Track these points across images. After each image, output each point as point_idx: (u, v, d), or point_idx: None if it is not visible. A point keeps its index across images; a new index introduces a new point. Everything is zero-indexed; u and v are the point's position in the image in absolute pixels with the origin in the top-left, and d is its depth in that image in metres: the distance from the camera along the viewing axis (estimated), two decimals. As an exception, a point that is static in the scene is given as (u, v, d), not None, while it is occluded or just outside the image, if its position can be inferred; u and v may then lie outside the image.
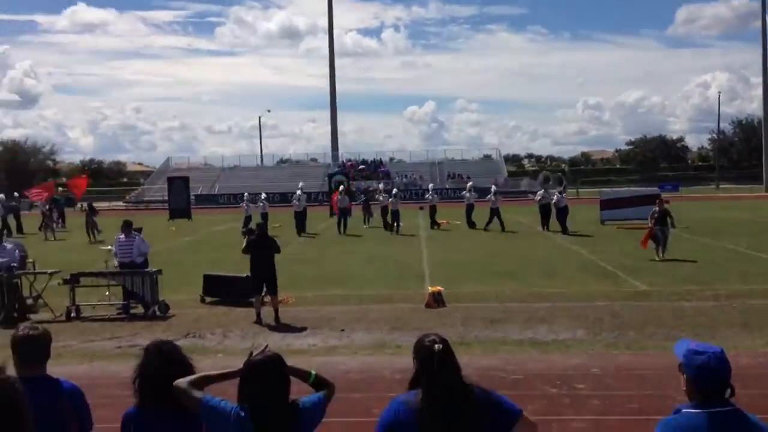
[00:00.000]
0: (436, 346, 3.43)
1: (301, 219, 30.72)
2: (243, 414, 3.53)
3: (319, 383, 3.85)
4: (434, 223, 31.87)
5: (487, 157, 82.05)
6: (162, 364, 3.88)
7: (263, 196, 33.75)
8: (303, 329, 12.30)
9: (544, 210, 29.87)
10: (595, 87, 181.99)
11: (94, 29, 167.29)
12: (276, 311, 12.96)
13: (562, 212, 28.65)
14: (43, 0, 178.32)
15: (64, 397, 3.96)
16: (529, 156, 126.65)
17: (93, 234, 30.18)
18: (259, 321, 12.84)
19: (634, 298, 14.32)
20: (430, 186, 36.88)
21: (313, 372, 3.88)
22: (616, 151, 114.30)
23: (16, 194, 39.97)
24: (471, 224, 31.33)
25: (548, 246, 24.16)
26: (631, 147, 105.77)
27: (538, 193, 31.49)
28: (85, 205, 35.62)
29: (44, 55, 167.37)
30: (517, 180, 73.36)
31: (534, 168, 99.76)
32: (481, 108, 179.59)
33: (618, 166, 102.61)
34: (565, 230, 27.92)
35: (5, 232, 28.93)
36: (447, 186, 65.76)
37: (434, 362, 3.39)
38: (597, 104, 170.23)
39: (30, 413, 3.32)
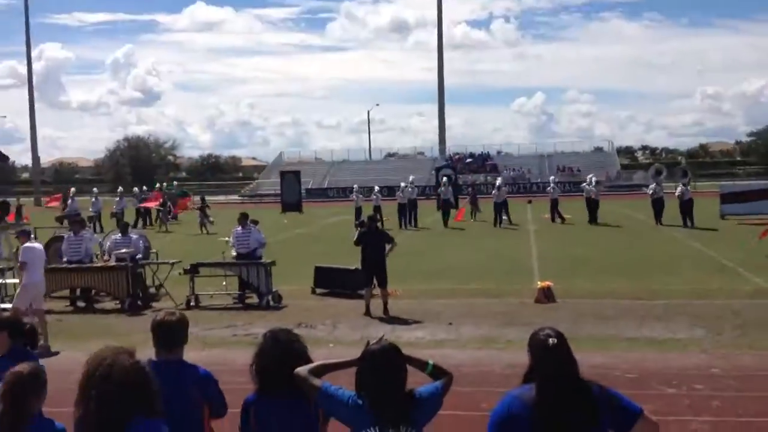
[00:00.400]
0: (551, 340, 3.39)
1: (405, 211, 30.89)
2: (361, 402, 3.60)
3: (437, 372, 3.88)
4: (557, 216, 31.15)
5: (599, 149, 79.85)
6: (279, 352, 4.00)
7: (376, 189, 33.92)
8: (411, 322, 12.39)
9: (657, 204, 28.89)
10: (714, 76, 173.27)
11: (212, 27, 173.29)
12: (385, 303, 13.10)
13: (687, 205, 27.61)
14: (164, 0, 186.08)
15: (197, 382, 4.15)
16: (644, 148, 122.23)
17: (205, 226, 31.45)
18: (368, 313, 13.01)
19: (756, 296, 13.64)
20: (552, 179, 35.59)
21: (431, 361, 3.92)
22: (737, 143, 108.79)
23: (145, 188, 42.04)
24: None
25: (663, 241, 23.32)
26: (752, 139, 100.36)
27: (650, 186, 30.48)
28: (197, 199, 37.14)
29: (165, 53, 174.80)
30: (631, 173, 71.03)
31: (648, 161, 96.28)
32: (592, 99, 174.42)
33: (738, 158, 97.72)
34: (689, 223, 26.93)
35: (133, 223, 30.61)
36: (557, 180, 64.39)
37: (548, 356, 3.35)
38: (716, 94, 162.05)
39: (158, 394, 3.52)
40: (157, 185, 40.08)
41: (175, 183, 47.66)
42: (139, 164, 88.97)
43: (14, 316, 5.29)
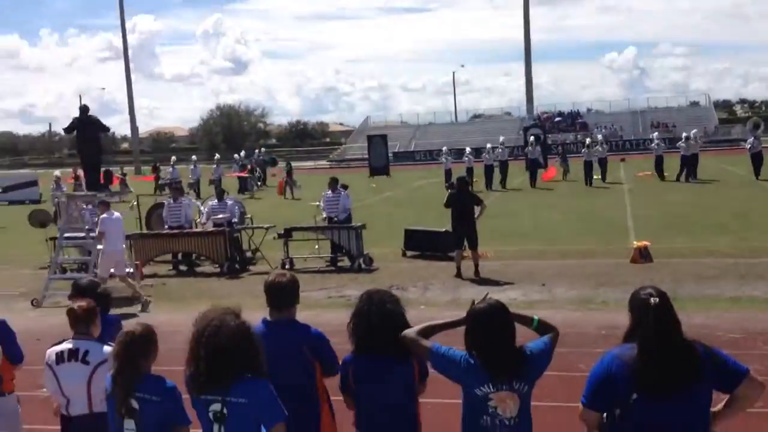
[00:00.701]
0: (653, 299, 3.33)
1: (492, 173, 30.59)
2: (473, 361, 3.65)
3: (543, 328, 3.90)
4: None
5: (695, 104, 76.56)
6: (375, 312, 4.07)
7: (468, 150, 33.56)
8: (504, 283, 12.34)
9: (756, 159, 27.79)
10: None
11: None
12: (476, 265, 13.07)
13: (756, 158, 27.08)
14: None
15: (309, 341, 4.25)
16: (742, 101, 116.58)
17: (291, 191, 32.06)
18: (459, 275, 13.02)
19: None
20: (655, 135, 33.27)
21: (536, 317, 3.93)
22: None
23: (243, 154, 42.98)
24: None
25: (764, 197, 22.31)
26: None
27: (748, 140, 29.18)
28: (284, 164, 37.72)
29: (252, 22, 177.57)
30: (729, 128, 67.95)
31: (747, 114, 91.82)
32: (687, 52, 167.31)
33: None
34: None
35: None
36: (650, 136, 62.31)
37: (651, 316, 3.29)
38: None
39: (263, 354, 3.66)
40: (238, 155, 40.69)
41: (263, 150, 48.41)
42: (231, 132, 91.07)
43: (88, 282, 5.56)
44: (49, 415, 5.01)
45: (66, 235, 14.15)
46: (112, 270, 12.37)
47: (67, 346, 4.65)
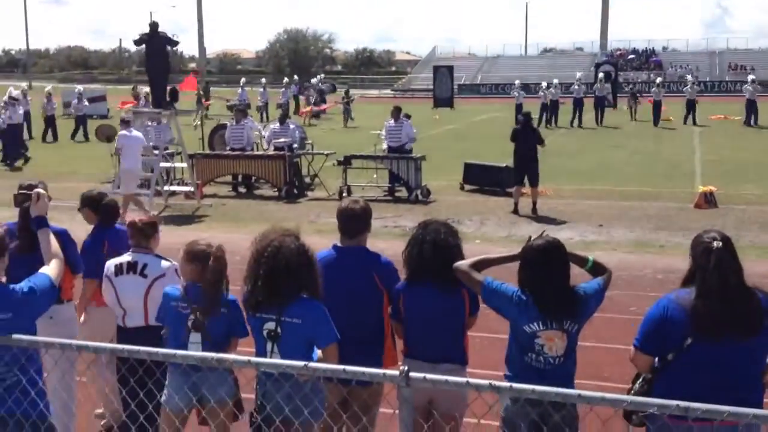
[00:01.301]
0: (715, 243, 3.24)
1: (547, 110, 29.86)
2: (525, 297, 3.64)
3: (597, 269, 3.85)
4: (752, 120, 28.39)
5: (779, 46, 72.99)
6: (430, 242, 4.04)
7: (544, 85, 32.26)
8: (560, 222, 12.19)
9: None
10: None
11: None
12: (534, 203, 12.92)
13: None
14: None
15: (379, 268, 4.26)
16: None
17: (346, 119, 32.02)
18: (516, 211, 12.90)
19: None
20: (750, 78, 31.28)
21: (591, 258, 3.88)
22: None
23: (296, 78, 43.00)
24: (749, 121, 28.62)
25: None
26: None
27: None
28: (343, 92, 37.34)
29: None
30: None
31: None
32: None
33: None
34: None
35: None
36: (727, 78, 59.89)
37: (711, 260, 3.21)
38: None
39: (319, 274, 3.72)
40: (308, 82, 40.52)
41: (322, 76, 47.90)
42: (297, 57, 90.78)
43: (94, 194, 5.74)
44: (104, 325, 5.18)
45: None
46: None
47: (126, 258, 4.79)
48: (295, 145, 15.70)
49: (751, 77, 29.38)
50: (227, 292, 4.14)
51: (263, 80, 38.54)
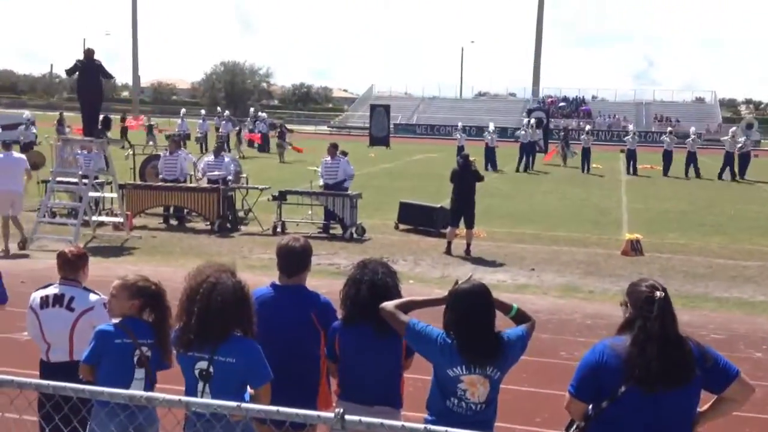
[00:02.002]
0: (658, 293, 3.28)
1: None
2: (450, 341, 3.61)
3: (520, 317, 3.86)
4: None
5: (700, 100, 76.31)
6: (368, 282, 4.01)
7: (492, 127, 32.57)
8: (493, 264, 12.34)
9: (743, 158, 28.56)
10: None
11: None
12: (468, 244, 13.03)
13: (728, 158, 28.22)
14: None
15: (317, 308, 4.19)
16: (747, 101, 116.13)
17: (282, 155, 32.05)
18: (449, 251, 13.01)
19: None
20: (669, 130, 32.89)
21: (515, 306, 3.89)
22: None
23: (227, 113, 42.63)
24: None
25: (762, 200, 22.33)
26: None
27: (738, 139, 29.39)
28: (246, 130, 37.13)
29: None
30: (731, 127, 67.70)
31: (752, 115, 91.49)
32: (698, 46, 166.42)
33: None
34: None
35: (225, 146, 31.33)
36: (652, 129, 62.21)
37: (654, 309, 3.24)
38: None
39: (254, 312, 3.63)
40: (253, 116, 39.99)
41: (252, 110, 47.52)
42: (234, 90, 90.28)
43: None
44: (27, 359, 4.99)
45: (58, 179, 14.08)
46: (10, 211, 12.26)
47: (53, 290, 4.62)
48: (230, 178, 15.54)
49: (669, 129, 30.62)
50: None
51: (203, 111, 38.19)
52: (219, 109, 38.75)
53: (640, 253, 13.19)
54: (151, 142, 24.22)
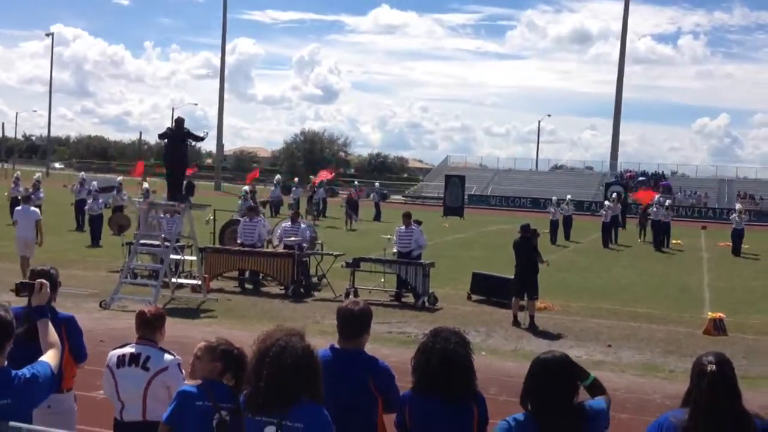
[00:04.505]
0: (710, 366, 3.23)
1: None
2: (522, 419, 3.51)
3: (594, 388, 3.73)
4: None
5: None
6: (440, 351, 3.91)
7: (554, 200, 31.87)
8: (567, 339, 12.03)
9: None
10: None
11: (394, 30, 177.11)
12: (531, 316, 12.78)
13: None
14: (351, 1, 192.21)
15: (375, 373, 4.17)
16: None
17: (350, 221, 32.54)
18: (516, 323, 12.79)
19: None
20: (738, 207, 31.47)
21: (592, 375, 3.77)
22: None
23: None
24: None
25: None
26: None
27: None
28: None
29: (347, 53, 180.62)
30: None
31: None
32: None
33: None
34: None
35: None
36: (735, 206, 60.29)
37: (705, 383, 3.20)
38: None
39: (322, 377, 3.61)
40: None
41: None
42: (312, 158, 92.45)
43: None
44: (102, 418, 5.08)
45: (142, 241, 14.54)
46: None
47: (129, 350, 4.70)
48: (305, 245, 15.77)
49: (738, 206, 29.22)
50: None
51: (296, 179, 38.90)
52: (296, 179, 39.53)
53: (724, 332, 12.66)
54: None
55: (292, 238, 15.54)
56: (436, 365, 3.88)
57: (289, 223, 16.43)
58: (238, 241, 16.08)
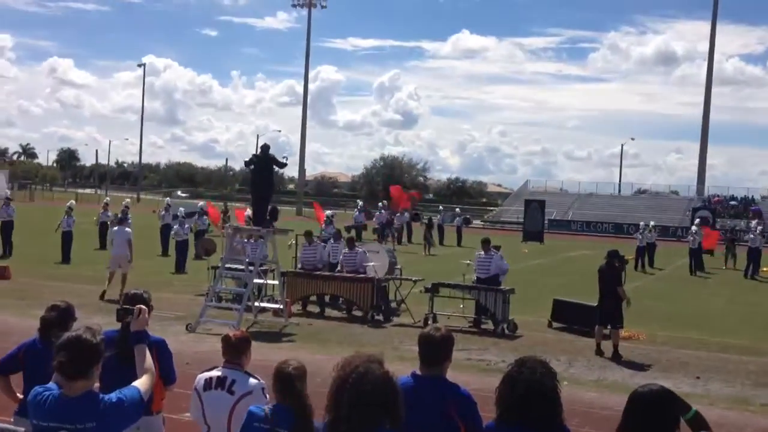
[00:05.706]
0: None
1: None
2: None
3: (697, 423, 3.60)
4: None
5: None
6: (524, 381, 3.84)
7: (641, 226, 31.03)
8: (653, 369, 11.69)
9: None
10: None
11: (474, 55, 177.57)
12: (615, 345, 12.45)
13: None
14: (432, 28, 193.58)
15: (456, 401, 4.15)
16: None
17: (428, 247, 32.54)
18: (599, 352, 12.50)
19: None
20: None
21: (694, 408, 3.65)
22: None
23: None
24: None
25: None
26: None
27: None
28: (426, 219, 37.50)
29: (426, 79, 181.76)
30: None
31: None
32: None
33: None
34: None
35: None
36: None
37: None
38: None
39: (403, 404, 3.60)
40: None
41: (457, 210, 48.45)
42: (391, 182, 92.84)
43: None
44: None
45: (227, 265, 14.91)
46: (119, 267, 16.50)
47: (216, 373, 4.83)
48: (384, 270, 15.87)
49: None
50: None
51: (382, 203, 39.08)
52: (384, 202, 39.70)
53: (821, 365, 12.07)
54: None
55: (371, 264, 15.68)
56: (521, 396, 3.80)
57: (347, 249, 16.56)
58: (298, 266, 16.44)
